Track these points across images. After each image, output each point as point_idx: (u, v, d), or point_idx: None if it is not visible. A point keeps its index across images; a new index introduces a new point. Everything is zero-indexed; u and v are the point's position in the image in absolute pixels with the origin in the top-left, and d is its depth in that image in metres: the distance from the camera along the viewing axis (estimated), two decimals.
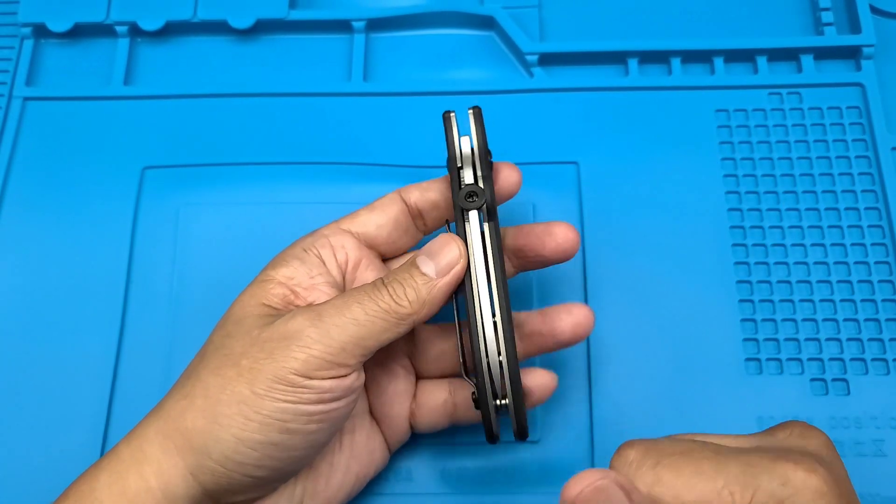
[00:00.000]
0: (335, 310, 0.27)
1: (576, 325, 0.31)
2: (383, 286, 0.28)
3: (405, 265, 0.29)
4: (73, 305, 0.37)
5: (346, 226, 0.32)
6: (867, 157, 0.39)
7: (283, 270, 0.30)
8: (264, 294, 0.29)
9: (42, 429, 0.35)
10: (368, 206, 0.33)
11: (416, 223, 0.33)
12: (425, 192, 0.32)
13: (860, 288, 0.36)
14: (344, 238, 0.31)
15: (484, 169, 0.30)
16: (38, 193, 0.39)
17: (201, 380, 0.27)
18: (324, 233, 0.31)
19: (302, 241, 0.31)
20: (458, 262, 0.28)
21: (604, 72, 0.42)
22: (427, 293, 0.28)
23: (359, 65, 0.42)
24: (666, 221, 0.38)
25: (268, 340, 0.27)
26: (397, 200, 0.32)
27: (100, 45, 0.43)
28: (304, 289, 0.29)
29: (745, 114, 0.40)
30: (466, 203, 0.29)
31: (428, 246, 0.29)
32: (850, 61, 0.41)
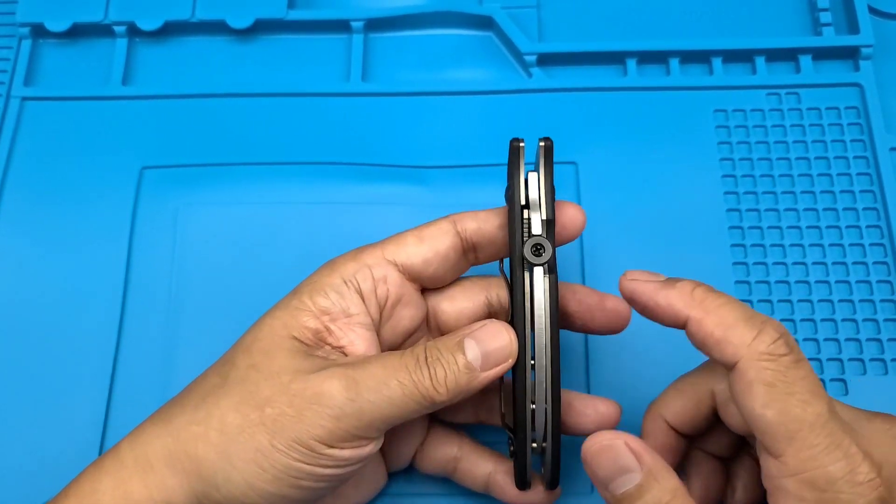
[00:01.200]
0: (374, 382, 0.26)
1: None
2: (426, 366, 0.26)
3: (450, 345, 0.27)
4: (71, 306, 0.37)
5: (392, 255, 0.29)
6: (865, 157, 0.39)
7: (320, 301, 0.28)
8: (296, 324, 0.28)
9: (40, 429, 0.35)
10: (417, 233, 0.30)
11: (466, 256, 0.30)
12: (482, 226, 0.30)
13: (858, 288, 0.36)
14: (387, 270, 0.29)
15: (550, 212, 0.28)
16: (36, 193, 0.39)
17: (220, 410, 0.26)
18: (366, 261, 0.29)
19: (342, 267, 0.29)
20: (506, 360, 0.27)
21: (602, 72, 0.42)
22: (466, 384, 0.26)
23: (357, 65, 0.42)
24: (664, 222, 0.38)
25: (297, 395, 0.26)
26: (450, 233, 0.30)
27: (98, 45, 0.43)
28: (338, 327, 0.28)
29: (744, 114, 0.40)
30: (532, 257, 0.27)
31: (480, 331, 0.27)
32: (848, 62, 0.41)
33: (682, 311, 0.26)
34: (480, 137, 0.40)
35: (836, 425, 0.23)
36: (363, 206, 0.38)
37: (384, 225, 0.38)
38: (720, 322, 0.25)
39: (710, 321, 0.25)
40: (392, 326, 0.30)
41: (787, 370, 0.24)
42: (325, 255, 0.37)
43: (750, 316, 0.25)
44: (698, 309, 0.25)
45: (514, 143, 0.29)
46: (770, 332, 0.24)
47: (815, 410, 0.23)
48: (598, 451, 0.26)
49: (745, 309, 0.25)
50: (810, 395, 0.23)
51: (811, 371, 0.24)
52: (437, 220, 0.30)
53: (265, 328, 0.28)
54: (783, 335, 0.24)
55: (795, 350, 0.24)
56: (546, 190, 0.28)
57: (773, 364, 0.24)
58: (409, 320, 0.30)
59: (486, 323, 0.27)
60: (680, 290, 0.26)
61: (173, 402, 0.28)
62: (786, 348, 0.24)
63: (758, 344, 0.24)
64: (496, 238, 0.30)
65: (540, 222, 0.28)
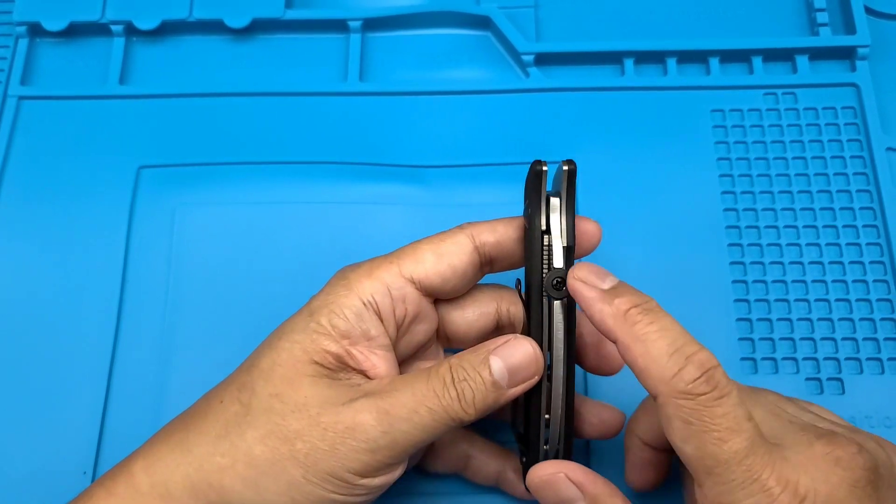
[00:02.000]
0: (405, 412, 0.26)
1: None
2: (453, 387, 0.26)
3: (475, 362, 0.26)
4: (68, 305, 0.37)
5: (409, 271, 0.28)
6: (862, 157, 0.39)
7: (340, 325, 0.27)
8: (317, 349, 0.27)
9: (37, 428, 0.34)
10: (434, 248, 0.29)
11: (482, 269, 0.30)
12: (501, 240, 0.29)
13: (855, 287, 0.36)
14: (406, 290, 0.28)
15: (571, 239, 0.28)
16: (33, 193, 0.39)
17: (245, 443, 0.26)
18: (384, 278, 0.28)
19: (358, 285, 0.28)
20: (533, 376, 0.27)
21: (600, 72, 0.42)
22: (494, 402, 0.26)
23: (355, 64, 0.42)
24: (661, 221, 0.38)
25: (328, 430, 0.25)
26: (468, 248, 0.29)
27: (95, 45, 0.43)
28: (359, 350, 0.27)
29: (741, 114, 0.40)
30: (553, 291, 0.27)
31: (505, 348, 0.27)
32: (845, 62, 0.41)
33: (611, 330, 0.25)
34: (478, 137, 0.40)
35: (757, 458, 0.23)
36: (360, 206, 0.38)
37: (381, 224, 0.38)
38: (644, 353, 0.24)
39: (635, 350, 0.25)
40: (407, 341, 0.30)
41: (704, 409, 0.23)
42: (323, 254, 0.37)
43: (676, 349, 0.24)
44: (627, 334, 0.25)
45: (535, 167, 0.28)
46: (691, 371, 0.24)
47: (732, 448, 0.23)
48: (540, 485, 0.27)
49: (674, 338, 0.24)
50: (728, 432, 0.23)
51: (735, 405, 0.24)
52: (454, 231, 0.29)
53: (284, 353, 0.27)
54: (708, 371, 0.24)
55: (720, 385, 0.24)
56: (568, 216, 0.28)
57: (690, 402, 0.23)
58: (423, 334, 0.30)
59: (509, 338, 0.27)
60: (615, 308, 0.25)
61: (189, 428, 0.27)
62: (706, 386, 0.23)
63: (677, 382, 0.24)
64: (514, 253, 0.29)
65: (561, 250, 0.28)
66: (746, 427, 0.24)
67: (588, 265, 0.27)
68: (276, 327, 0.29)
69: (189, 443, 0.27)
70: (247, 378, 0.27)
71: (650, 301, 0.26)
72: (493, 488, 0.32)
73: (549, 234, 0.28)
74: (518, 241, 0.29)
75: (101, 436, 0.34)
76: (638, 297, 0.26)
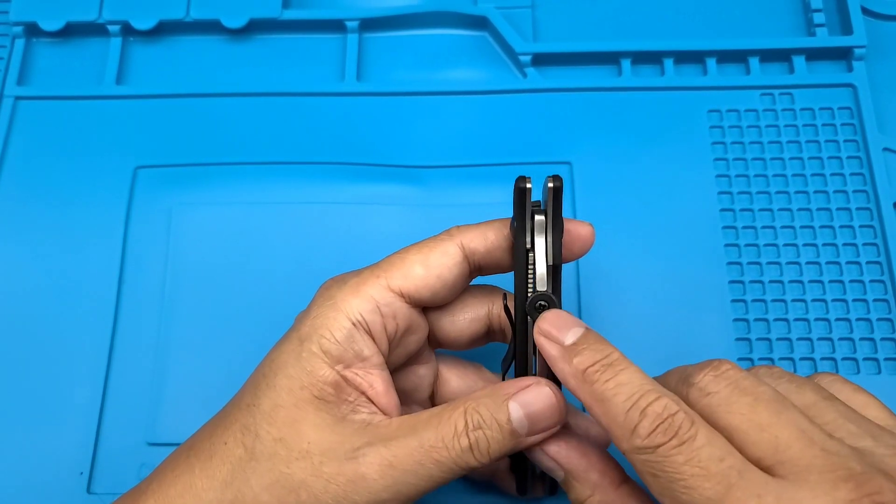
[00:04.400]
0: (411, 464, 0.25)
1: None
2: (465, 436, 0.25)
3: (493, 408, 0.25)
4: (65, 306, 0.37)
5: (398, 284, 0.27)
6: (858, 157, 0.39)
7: (332, 349, 0.26)
8: (313, 383, 0.26)
9: (33, 429, 0.34)
10: (423, 259, 0.28)
11: (471, 276, 0.29)
12: (490, 249, 0.28)
13: (852, 288, 0.37)
14: (395, 305, 0.27)
15: (557, 257, 0.27)
16: (30, 193, 0.39)
17: (252, 491, 0.26)
18: (371, 294, 0.27)
19: (345, 304, 0.27)
20: (554, 425, 0.26)
21: (597, 72, 0.42)
22: (509, 450, 0.26)
23: (352, 65, 0.42)
24: (658, 221, 0.38)
25: (332, 481, 0.25)
26: (457, 257, 0.28)
27: (92, 45, 0.43)
28: (355, 373, 0.27)
29: (738, 114, 0.40)
30: (535, 314, 0.26)
31: (526, 394, 0.26)
32: (841, 62, 0.42)
33: (573, 390, 0.25)
34: (475, 137, 0.40)
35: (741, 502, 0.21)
36: (357, 206, 0.38)
37: (378, 225, 0.38)
38: (604, 412, 0.24)
39: (596, 410, 0.24)
40: (398, 353, 0.29)
41: (665, 459, 0.22)
42: (320, 254, 0.37)
43: (633, 403, 0.23)
44: (588, 394, 0.24)
45: (519, 184, 0.27)
46: (646, 424, 0.23)
47: (704, 495, 0.22)
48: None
49: (631, 393, 0.24)
50: (695, 479, 0.22)
51: (699, 448, 0.22)
52: (443, 239, 0.28)
53: (283, 392, 0.26)
54: (665, 420, 0.23)
55: (680, 431, 0.22)
56: (554, 235, 0.27)
57: (651, 456, 0.23)
58: (415, 344, 0.30)
59: (530, 382, 0.26)
60: (574, 368, 0.25)
61: (195, 470, 0.27)
62: (664, 436, 0.22)
63: (634, 438, 0.23)
64: (503, 261, 0.29)
65: (545, 270, 0.27)
66: (716, 470, 0.22)
67: (552, 315, 0.26)
68: (268, 354, 0.28)
69: (197, 488, 0.26)
70: (249, 420, 0.27)
71: (611, 354, 0.25)
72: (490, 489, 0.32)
73: (534, 251, 0.27)
74: (508, 250, 0.28)
75: (98, 436, 0.34)
76: (598, 353, 0.25)
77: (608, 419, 0.24)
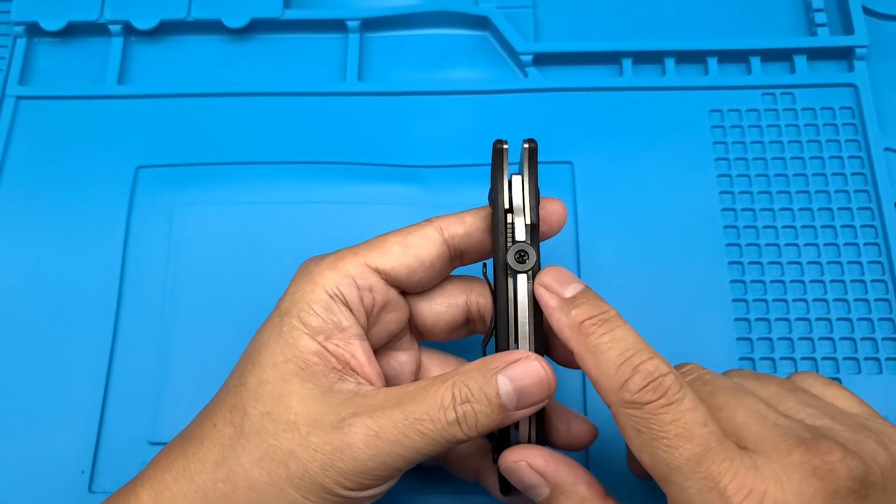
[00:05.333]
0: (396, 434, 0.25)
1: None
2: (452, 409, 0.25)
3: (481, 382, 0.25)
4: (66, 305, 0.37)
5: (375, 262, 0.28)
6: (860, 157, 0.39)
7: (311, 321, 0.27)
8: (298, 355, 0.27)
9: (35, 427, 0.34)
10: (401, 240, 0.29)
11: (452, 262, 0.30)
12: (470, 232, 0.29)
13: (853, 287, 0.37)
14: (371, 279, 0.28)
15: (534, 216, 0.28)
16: (31, 193, 0.39)
17: (242, 468, 0.26)
18: (348, 270, 0.28)
19: (322, 278, 0.28)
20: (543, 399, 0.26)
21: (598, 72, 0.42)
22: (497, 424, 0.26)
23: (353, 64, 0.42)
24: (660, 221, 0.38)
25: (318, 451, 0.25)
26: (436, 241, 0.29)
27: (93, 44, 0.43)
28: (335, 343, 0.27)
29: (739, 114, 0.40)
30: (516, 264, 0.27)
31: (515, 368, 0.26)
32: (842, 62, 0.42)
33: (567, 340, 0.25)
34: (476, 137, 0.40)
35: (714, 466, 0.23)
36: (359, 206, 0.38)
37: (380, 224, 0.38)
38: (595, 364, 0.24)
39: (587, 361, 0.25)
40: (378, 331, 0.29)
41: (652, 416, 0.23)
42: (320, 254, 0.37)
43: (626, 359, 0.24)
44: (581, 345, 0.25)
45: (496, 146, 0.28)
46: (636, 380, 0.24)
47: (683, 455, 0.23)
48: (507, 470, 0.27)
49: (625, 349, 0.24)
50: (677, 439, 0.23)
51: (686, 411, 0.23)
52: (422, 224, 0.29)
53: (269, 369, 0.27)
54: (656, 379, 0.24)
55: (669, 392, 0.23)
56: (530, 194, 0.28)
57: (638, 412, 0.23)
58: (394, 323, 0.30)
59: (518, 356, 0.26)
60: (571, 319, 0.25)
61: (188, 454, 0.27)
62: (653, 394, 0.23)
63: (623, 392, 0.24)
64: (483, 244, 0.29)
65: (524, 227, 0.27)
66: (699, 433, 0.23)
67: (554, 270, 0.27)
68: (254, 335, 0.28)
69: (191, 471, 0.26)
70: (237, 399, 0.27)
71: (608, 311, 0.25)
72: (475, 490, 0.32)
73: (512, 212, 0.27)
74: (488, 231, 0.29)
75: (100, 435, 0.34)
76: (595, 308, 0.25)
77: (598, 371, 0.24)
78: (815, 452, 0.23)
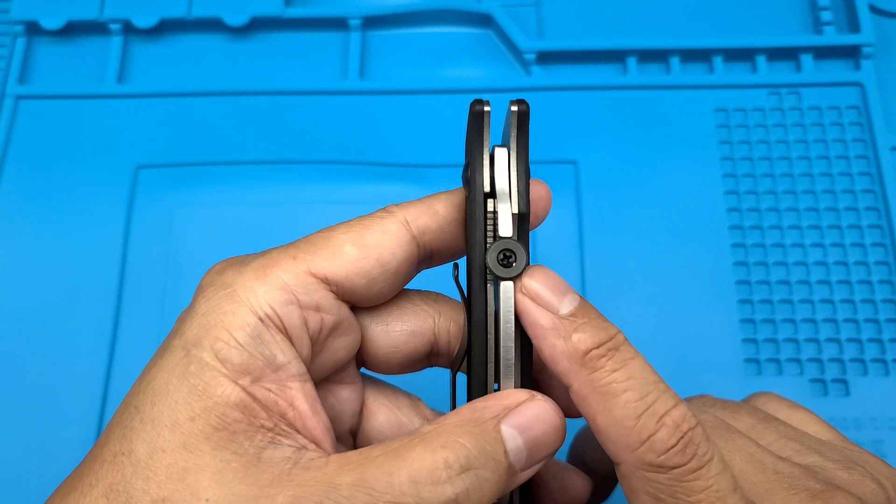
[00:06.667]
0: None
1: None
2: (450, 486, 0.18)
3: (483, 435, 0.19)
4: (66, 305, 0.36)
5: (322, 268, 0.20)
6: (866, 156, 0.39)
7: (233, 357, 0.19)
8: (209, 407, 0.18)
9: (34, 428, 0.34)
10: (356, 238, 0.21)
11: (419, 265, 0.23)
12: (443, 225, 0.22)
13: (859, 288, 0.36)
14: (318, 294, 0.20)
15: (523, 203, 0.21)
16: (31, 192, 0.39)
17: None
18: (284, 279, 0.20)
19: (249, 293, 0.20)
20: (553, 452, 0.20)
21: (602, 70, 0.42)
22: (500, 494, 0.19)
23: (355, 62, 0.42)
24: (664, 221, 0.38)
25: None
26: (403, 239, 0.21)
27: (93, 43, 0.43)
28: (268, 389, 0.19)
29: (744, 113, 0.40)
30: (500, 268, 0.20)
31: (522, 414, 0.19)
32: (849, 61, 0.41)
33: (564, 374, 0.19)
34: None
35: None
36: (361, 206, 0.38)
37: None
38: (606, 410, 0.19)
39: (593, 404, 0.19)
40: (322, 363, 0.22)
41: (679, 483, 0.18)
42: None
43: (647, 406, 0.19)
44: (585, 383, 0.19)
45: (475, 107, 0.21)
46: (663, 437, 0.18)
47: None
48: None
49: (644, 391, 0.19)
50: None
51: (718, 475, 0.19)
52: (380, 215, 0.22)
53: (165, 429, 0.18)
54: (685, 435, 0.19)
55: (699, 453, 0.19)
56: (518, 172, 0.21)
57: (661, 477, 0.18)
58: (343, 351, 0.22)
59: (521, 398, 0.20)
60: (572, 347, 0.19)
61: None
62: (681, 457, 0.18)
63: (646, 452, 0.18)
64: (458, 241, 0.22)
65: (510, 218, 0.20)
66: (732, 501, 0.19)
67: (541, 272, 0.20)
68: (142, 372, 0.20)
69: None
70: (117, 477, 0.18)
71: (617, 336, 0.20)
72: None
73: (495, 197, 0.21)
74: (462, 222, 0.22)
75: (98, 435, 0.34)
76: (602, 332, 0.20)
77: (609, 420, 0.19)
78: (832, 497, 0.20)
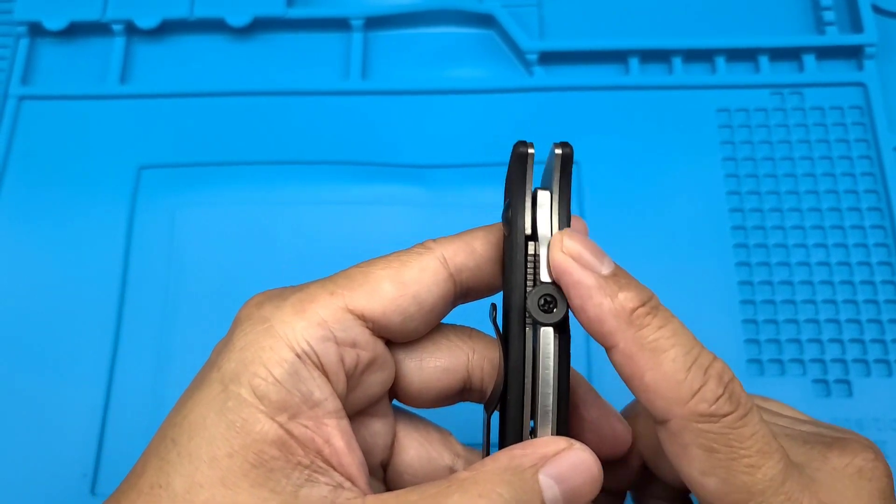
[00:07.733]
0: None
1: None
2: None
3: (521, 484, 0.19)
4: (68, 306, 0.36)
5: (359, 304, 0.21)
6: (869, 157, 0.39)
7: (270, 393, 0.19)
8: (247, 444, 0.19)
9: (37, 430, 0.34)
10: (395, 275, 0.21)
11: (455, 301, 0.23)
12: (481, 264, 0.22)
13: (862, 289, 0.36)
14: (355, 331, 0.21)
15: None
16: (33, 193, 0.39)
17: None
18: (322, 317, 0.20)
19: (287, 329, 0.20)
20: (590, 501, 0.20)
21: (604, 70, 0.42)
22: None
23: (357, 63, 0.42)
24: (667, 222, 0.38)
25: None
26: (441, 276, 0.21)
27: (96, 44, 0.43)
28: (305, 426, 0.19)
29: (747, 113, 0.40)
30: (541, 314, 0.20)
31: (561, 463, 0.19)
32: (852, 61, 0.41)
33: (611, 334, 0.20)
34: (481, 136, 0.40)
35: (794, 484, 0.19)
36: (362, 206, 0.38)
37: (383, 225, 0.38)
38: (655, 366, 0.19)
39: (642, 361, 0.19)
40: (357, 398, 0.22)
41: (731, 431, 0.19)
42: (324, 255, 0.37)
43: (692, 360, 0.19)
44: (632, 341, 0.19)
45: (519, 148, 0.21)
46: (713, 388, 0.19)
47: (767, 474, 0.19)
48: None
49: (689, 347, 0.19)
50: (760, 455, 0.19)
51: (760, 422, 0.19)
52: (418, 251, 0.22)
53: (204, 464, 0.18)
54: (728, 385, 0.19)
55: (743, 402, 0.19)
56: (561, 216, 0.21)
57: (714, 426, 0.19)
58: (378, 387, 0.22)
59: (560, 446, 0.20)
60: (618, 305, 0.19)
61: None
62: (730, 405, 0.19)
63: (697, 403, 0.19)
64: (495, 278, 0.22)
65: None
66: (777, 447, 0.19)
67: (579, 235, 0.20)
68: (177, 404, 0.21)
69: None
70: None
71: (654, 296, 0.20)
72: None
73: (536, 240, 0.21)
74: (500, 261, 0.22)
75: (102, 438, 0.34)
76: (643, 292, 0.20)
77: (658, 375, 0.19)
78: (852, 453, 0.21)
